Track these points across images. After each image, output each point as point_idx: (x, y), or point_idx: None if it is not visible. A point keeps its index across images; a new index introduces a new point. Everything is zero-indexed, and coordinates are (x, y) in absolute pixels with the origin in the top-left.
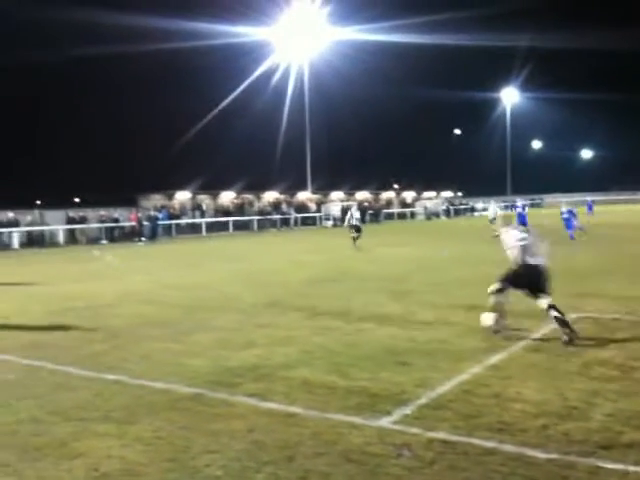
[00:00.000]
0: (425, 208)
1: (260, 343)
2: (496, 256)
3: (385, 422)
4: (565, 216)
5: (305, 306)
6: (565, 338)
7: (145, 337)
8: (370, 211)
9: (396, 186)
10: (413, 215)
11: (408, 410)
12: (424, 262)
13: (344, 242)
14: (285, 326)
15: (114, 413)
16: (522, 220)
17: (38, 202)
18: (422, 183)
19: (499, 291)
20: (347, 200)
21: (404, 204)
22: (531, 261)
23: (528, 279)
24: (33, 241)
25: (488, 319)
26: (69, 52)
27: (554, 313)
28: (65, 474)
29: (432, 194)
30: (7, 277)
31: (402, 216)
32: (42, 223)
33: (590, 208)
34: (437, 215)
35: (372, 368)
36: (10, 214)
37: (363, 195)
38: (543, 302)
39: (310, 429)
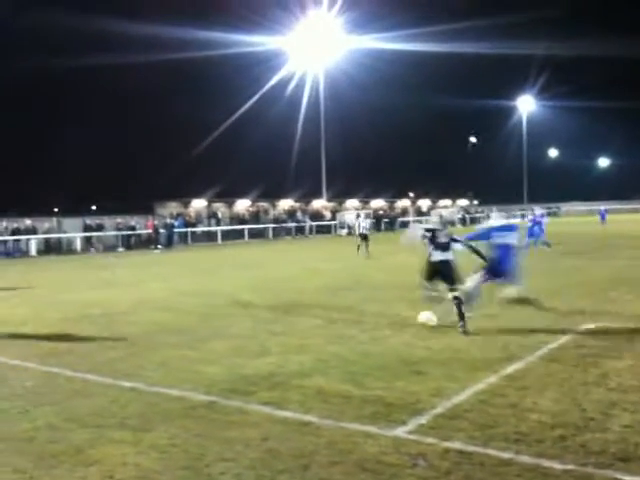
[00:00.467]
0: (440, 216)
1: (275, 351)
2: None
3: (400, 432)
4: (529, 224)
5: (320, 314)
6: (460, 330)
7: (161, 344)
8: (385, 219)
9: (411, 194)
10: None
11: (423, 420)
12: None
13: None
14: (300, 334)
15: (130, 420)
16: (534, 230)
17: (56, 209)
18: (438, 191)
19: (424, 286)
20: (362, 208)
21: (419, 212)
22: (439, 257)
23: (437, 272)
24: (50, 248)
25: (423, 317)
26: (85, 60)
27: (456, 302)
28: None
29: (448, 202)
30: (25, 283)
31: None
32: (59, 230)
33: (603, 217)
34: (453, 223)
35: (387, 377)
36: (28, 221)
37: (378, 203)
38: (450, 293)
39: (325, 438)
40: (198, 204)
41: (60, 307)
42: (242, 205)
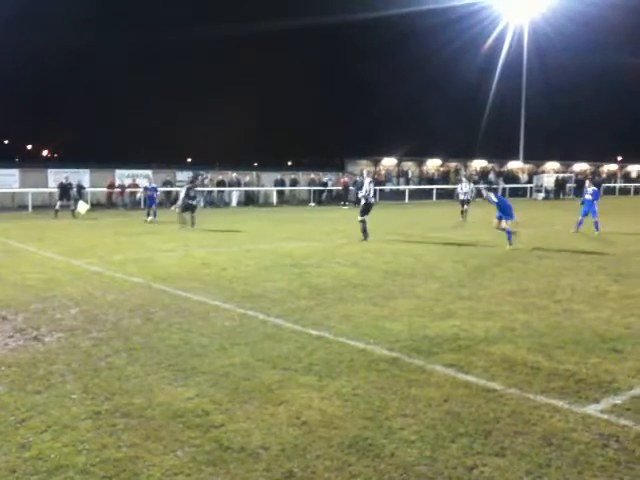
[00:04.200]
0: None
1: (460, 314)
2: None
3: (592, 410)
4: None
5: (509, 281)
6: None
7: (347, 298)
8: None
9: (620, 158)
10: (638, 191)
11: (618, 400)
12: None
13: (558, 215)
14: (487, 300)
15: (316, 366)
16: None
17: (255, 164)
18: None
19: (362, 221)
20: (563, 172)
21: (628, 178)
22: (372, 200)
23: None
24: (250, 200)
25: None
26: (277, 24)
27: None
28: (270, 418)
29: None
30: (227, 233)
31: (625, 192)
32: (258, 184)
33: None
34: None
35: (580, 352)
36: (233, 174)
37: (581, 167)
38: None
39: (509, 407)
40: (388, 162)
41: (255, 255)
42: (432, 164)
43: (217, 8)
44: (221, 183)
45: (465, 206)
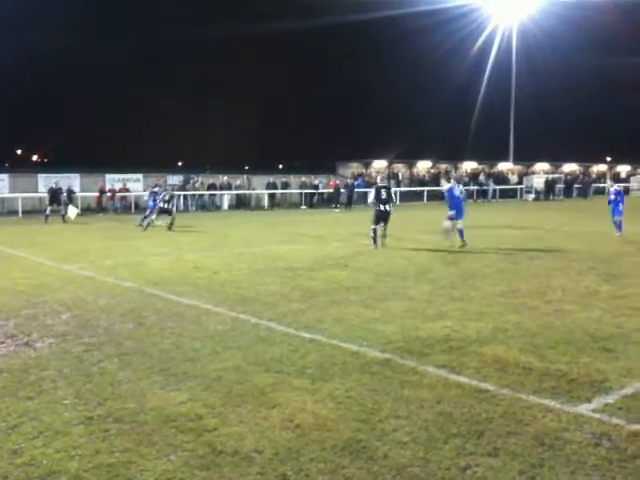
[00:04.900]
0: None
1: (452, 316)
2: None
3: (583, 409)
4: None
5: (500, 282)
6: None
7: (339, 300)
8: (577, 185)
9: (609, 159)
10: (627, 191)
11: (610, 399)
12: (638, 243)
13: (548, 216)
14: (479, 301)
15: (309, 369)
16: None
17: (246, 167)
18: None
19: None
20: (553, 173)
21: (617, 179)
22: (380, 207)
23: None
24: (241, 203)
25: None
26: (263, 25)
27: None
28: (263, 421)
29: None
30: (219, 236)
31: None
32: (249, 187)
33: None
34: None
35: (572, 352)
36: (224, 178)
37: (571, 167)
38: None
39: (501, 407)
40: (379, 164)
41: (247, 258)
42: (423, 166)
43: (195, 11)
44: (212, 187)
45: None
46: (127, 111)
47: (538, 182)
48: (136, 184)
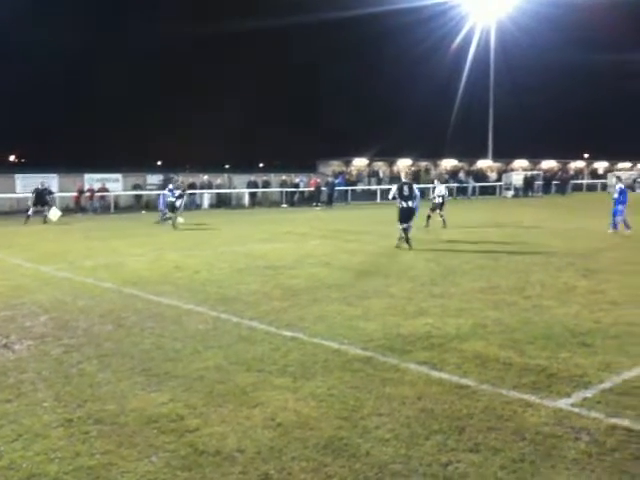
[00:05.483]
0: (618, 180)
1: (432, 313)
2: None
3: (563, 404)
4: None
5: (479, 279)
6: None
7: (321, 298)
8: (556, 182)
9: (586, 155)
10: (605, 187)
11: (589, 393)
12: (617, 238)
13: (527, 212)
14: (459, 297)
15: (290, 368)
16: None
17: (227, 166)
18: (617, 153)
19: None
20: (532, 169)
21: (595, 175)
22: (403, 204)
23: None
24: (221, 202)
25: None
26: (251, 23)
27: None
28: (245, 421)
29: (627, 165)
30: (201, 236)
31: (592, 188)
32: (230, 186)
33: None
34: (632, 188)
35: (551, 347)
36: (205, 177)
37: (549, 164)
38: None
39: (482, 403)
40: (359, 163)
41: (228, 257)
42: (403, 164)
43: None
44: (192, 186)
45: (438, 210)
46: (105, 110)
47: (517, 179)
48: (115, 184)
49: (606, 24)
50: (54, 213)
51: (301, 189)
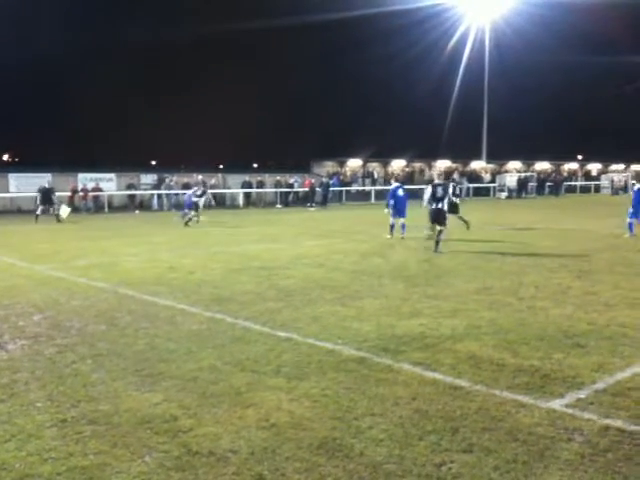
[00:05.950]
0: (611, 181)
1: (426, 313)
2: None
3: (556, 404)
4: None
5: (474, 279)
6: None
7: (315, 299)
8: (549, 183)
9: (580, 157)
10: (598, 189)
11: (582, 394)
12: (614, 239)
13: (521, 213)
14: (453, 298)
15: (284, 368)
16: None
17: (221, 166)
18: (610, 155)
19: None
20: (525, 171)
21: (588, 176)
22: (433, 205)
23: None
24: (216, 202)
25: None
26: (241, 25)
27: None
28: (238, 421)
29: (621, 167)
30: (198, 236)
31: (585, 190)
32: (224, 186)
33: None
34: (625, 190)
35: (544, 348)
36: (199, 177)
37: (543, 165)
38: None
39: (476, 404)
40: (354, 163)
41: (223, 258)
42: (397, 165)
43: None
44: (186, 186)
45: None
46: (99, 110)
47: (511, 180)
48: (109, 183)
49: (600, 26)
50: (64, 210)
51: (295, 189)
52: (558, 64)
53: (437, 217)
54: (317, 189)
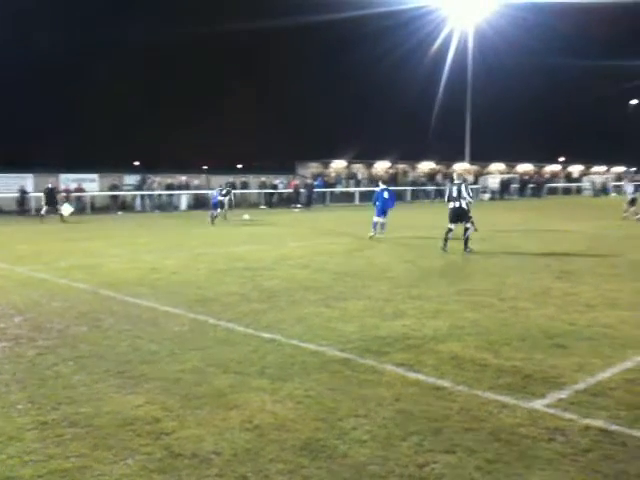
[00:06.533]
0: (593, 183)
1: (410, 314)
2: None
3: (538, 404)
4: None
5: (456, 281)
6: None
7: (299, 300)
8: (532, 184)
9: (562, 159)
10: (579, 190)
11: (563, 394)
12: (596, 240)
13: (503, 214)
14: (436, 299)
15: (268, 370)
16: None
17: (205, 167)
18: (591, 157)
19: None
20: (508, 172)
21: (570, 178)
22: (450, 205)
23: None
24: (199, 204)
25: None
26: (232, 25)
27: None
28: (222, 423)
29: (602, 168)
30: (177, 236)
31: (567, 191)
32: (208, 187)
33: None
34: (606, 192)
35: (526, 348)
36: (183, 178)
37: (525, 167)
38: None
39: (458, 404)
40: (338, 165)
41: (206, 259)
42: (381, 166)
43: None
44: (170, 186)
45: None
46: (82, 110)
47: (493, 182)
48: (92, 184)
49: (582, 29)
50: (66, 208)
51: (280, 190)
52: (541, 66)
53: (457, 216)
54: (301, 190)
